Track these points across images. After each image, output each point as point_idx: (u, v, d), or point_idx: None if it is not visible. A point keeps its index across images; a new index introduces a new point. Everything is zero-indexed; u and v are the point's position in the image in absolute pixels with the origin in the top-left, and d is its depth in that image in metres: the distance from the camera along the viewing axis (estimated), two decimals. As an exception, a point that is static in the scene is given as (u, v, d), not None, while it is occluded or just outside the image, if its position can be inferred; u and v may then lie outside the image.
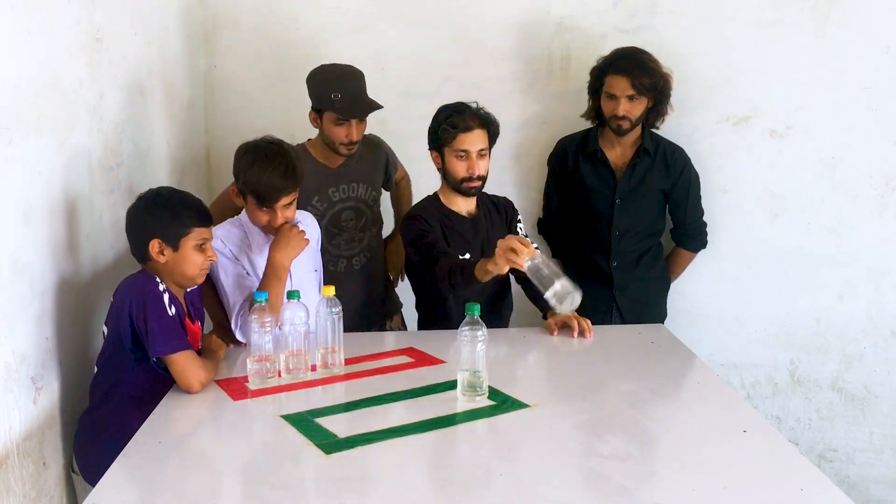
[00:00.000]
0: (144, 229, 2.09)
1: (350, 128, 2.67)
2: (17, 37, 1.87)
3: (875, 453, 3.30)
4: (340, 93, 2.64)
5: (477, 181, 2.49)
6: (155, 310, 2.01)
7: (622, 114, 2.83)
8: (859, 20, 3.05)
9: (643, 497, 1.56)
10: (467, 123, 2.44)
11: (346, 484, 1.61)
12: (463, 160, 2.46)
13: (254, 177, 2.28)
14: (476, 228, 2.57)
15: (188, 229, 2.09)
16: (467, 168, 2.46)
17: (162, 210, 2.09)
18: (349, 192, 2.82)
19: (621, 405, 2.00)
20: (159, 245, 2.07)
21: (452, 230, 2.54)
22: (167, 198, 2.13)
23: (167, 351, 2.01)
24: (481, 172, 2.48)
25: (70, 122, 2.14)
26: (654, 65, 2.84)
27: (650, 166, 2.97)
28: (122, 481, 1.63)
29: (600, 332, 2.46)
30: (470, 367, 1.96)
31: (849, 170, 3.14)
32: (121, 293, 2.05)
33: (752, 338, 3.29)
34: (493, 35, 3.20)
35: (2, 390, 1.80)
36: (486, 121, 2.48)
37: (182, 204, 2.12)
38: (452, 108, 2.49)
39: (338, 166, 2.81)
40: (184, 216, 2.09)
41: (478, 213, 2.60)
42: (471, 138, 2.44)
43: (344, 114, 2.64)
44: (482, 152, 2.47)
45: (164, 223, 2.07)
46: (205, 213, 2.16)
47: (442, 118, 2.49)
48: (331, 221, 2.81)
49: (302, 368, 2.15)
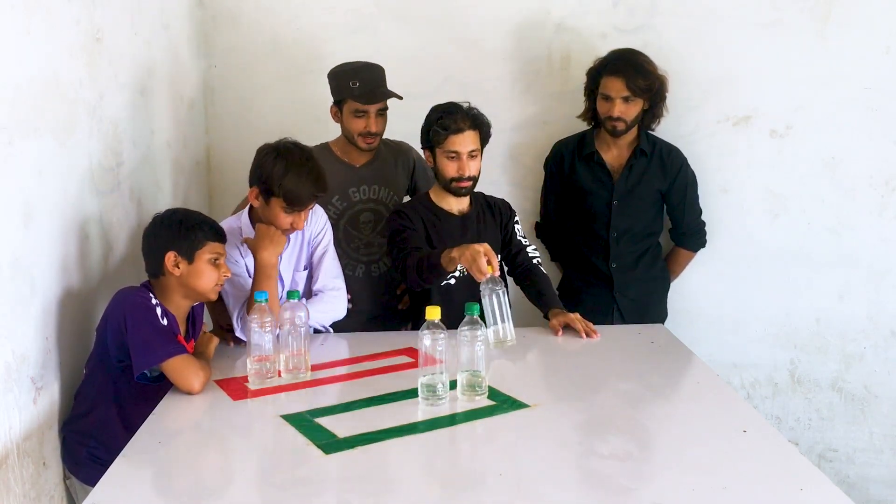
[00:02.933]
0: (160, 243, 2.13)
1: (369, 119, 2.69)
2: (17, 37, 1.87)
3: (875, 453, 3.30)
4: (359, 81, 2.68)
5: (467, 181, 2.49)
6: (146, 320, 2.02)
7: (617, 115, 2.83)
8: (859, 20, 3.05)
9: (643, 497, 1.56)
10: (458, 125, 2.45)
11: (346, 484, 1.61)
12: (453, 161, 2.47)
13: (290, 183, 2.30)
14: (465, 228, 2.57)
15: (203, 243, 2.13)
16: (457, 168, 2.47)
17: (178, 224, 2.14)
18: (370, 194, 2.83)
19: (621, 405, 2.00)
20: (175, 257, 2.10)
21: (439, 228, 2.54)
22: (183, 214, 2.20)
23: (161, 358, 2.01)
24: (472, 173, 2.49)
25: (70, 122, 2.14)
26: (650, 66, 2.84)
27: (647, 167, 2.97)
28: (122, 481, 1.62)
29: (600, 332, 2.46)
30: (470, 367, 1.96)
31: (849, 170, 3.14)
32: (112, 306, 2.07)
33: (752, 338, 3.29)
34: (493, 35, 3.20)
35: (2, 390, 1.80)
36: (478, 122, 2.48)
37: (197, 220, 2.19)
38: (444, 109, 2.49)
39: (361, 166, 2.81)
40: (199, 230, 2.14)
41: (469, 213, 2.59)
42: (461, 140, 2.45)
43: (363, 100, 2.67)
44: (473, 153, 2.48)
45: (180, 236, 2.12)
46: (220, 231, 2.21)
47: (433, 118, 2.49)
48: (349, 222, 2.81)
49: (302, 368, 2.15)
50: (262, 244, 2.34)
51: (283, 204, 2.32)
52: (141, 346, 2.00)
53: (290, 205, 2.32)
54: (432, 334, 1.91)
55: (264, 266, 2.33)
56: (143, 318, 2.02)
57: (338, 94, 2.74)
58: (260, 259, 2.34)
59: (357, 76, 2.69)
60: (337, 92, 2.74)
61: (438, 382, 1.94)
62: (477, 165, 2.51)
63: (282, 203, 2.32)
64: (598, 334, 2.44)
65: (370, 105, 2.68)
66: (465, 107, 2.49)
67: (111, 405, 2.08)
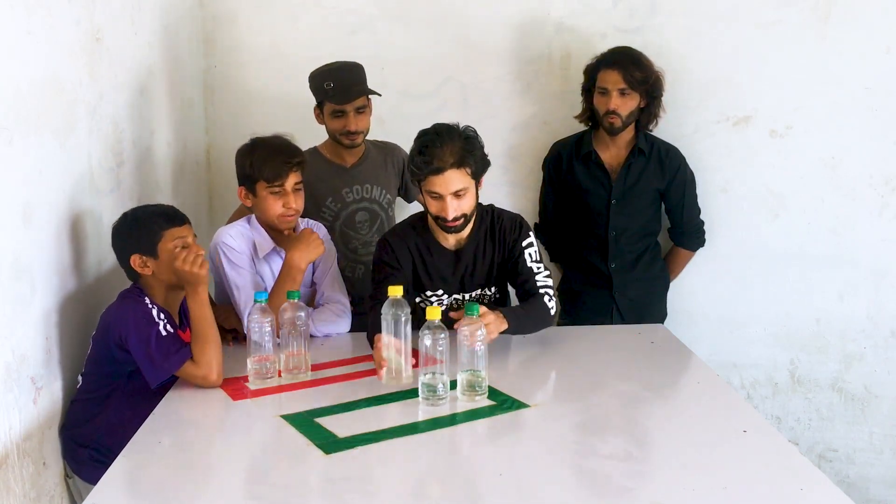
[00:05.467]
0: (122, 250, 2.13)
1: (347, 118, 2.71)
2: (17, 37, 1.87)
3: (875, 453, 3.30)
4: (333, 81, 2.69)
5: (453, 222, 2.20)
6: (148, 334, 2.02)
7: (613, 108, 2.83)
8: (859, 20, 3.04)
9: (643, 497, 1.56)
10: (437, 164, 2.12)
11: (346, 484, 1.61)
12: (436, 200, 2.19)
13: (259, 158, 2.35)
14: (456, 264, 2.37)
15: (159, 234, 2.10)
16: (439, 209, 2.19)
17: (131, 226, 2.13)
18: (363, 193, 2.84)
19: (621, 405, 2.00)
20: (139, 259, 2.09)
21: (429, 264, 2.37)
22: (133, 215, 2.17)
23: (173, 368, 2.02)
24: (456, 214, 2.18)
25: (70, 122, 2.14)
26: (646, 61, 2.86)
27: (645, 166, 2.97)
28: (122, 481, 1.63)
29: (600, 332, 2.45)
30: (470, 367, 1.96)
31: (849, 170, 3.14)
32: (111, 318, 2.05)
33: (752, 338, 3.29)
34: (493, 35, 3.20)
35: (2, 390, 1.80)
36: (465, 159, 2.15)
37: (147, 214, 2.15)
38: (427, 140, 2.16)
39: (352, 166, 2.82)
40: (151, 224, 2.11)
41: (465, 247, 2.35)
42: (441, 181, 2.14)
43: (336, 100, 2.69)
44: (459, 193, 2.17)
45: (136, 237, 2.11)
46: (173, 215, 2.16)
47: (415, 148, 2.19)
48: (345, 223, 2.82)
49: (302, 368, 2.15)
50: (298, 246, 2.37)
51: (266, 185, 2.35)
52: (149, 361, 2.01)
53: (271, 181, 2.34)
54: (432, 334, 1.91)
55: (291, 267, 2.36)
56: (145, 331, 2.01)
57: (316, 96, 2.77)
58: (289, 259, 2.36)
59: (331, 77, 2.71)
60: (315, 94, 2.77)
61: (439, 382, 1.94)
62: (468, 203, 2.21)
63: (265, 185, 2.35)
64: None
65: (345, 105, 2.69)
66: (454, 136, 2.16)
67: (111, 412, 2.07)
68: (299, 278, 2.38)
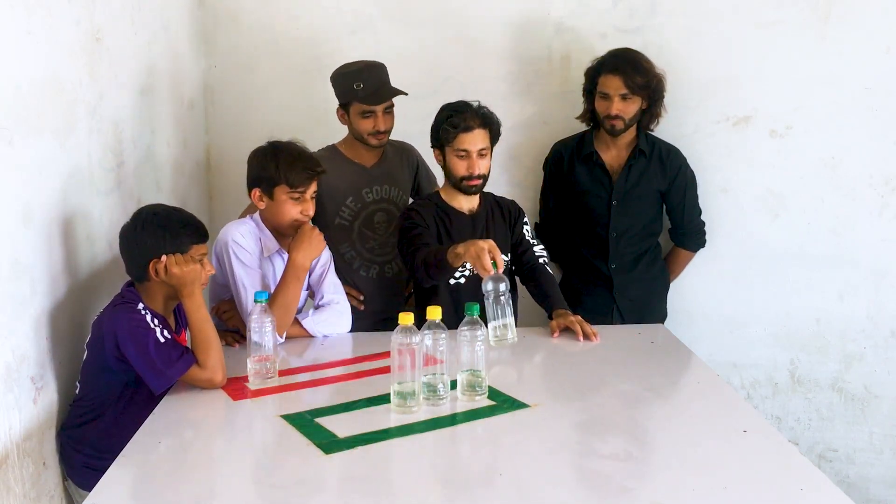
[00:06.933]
0: (144, 250, 2.06)
1: (377, 118, 2.70)
2: (17, 37, 1.87)
3: (875, 453, 3.30)
4: (363, 82, 2.68)
5: (477, 179, 2.51)
6: (145, 345, 1.98)
7: (615, 113, 2.83)
8: (859, 20, 3.05)
9: (643, 497, 1.56)
10: (468, 123, 2.46)
11: (346, 484, 1.61)
12: (463, 159, 2.48)
13: (285, 162, 2.35)
14: (475, 227, 2.58)
15: (188, 247, 2.08)
16: (467, 167, 2.49)
17: (162, 230, 2.06)
18: (382, 194, 2.84)
19: (621, 405, 2.00)
20: (161, 265, 2.05)
21: (450, 227, 2.56)
22: (165, 217, 2.10)
23: (176, 376, 2.01)
24: (482, 171, 2.50)
25: (70, 122, 2.14)
26: (647, 64, 2.85)
27: (646, 167, 2.97)
28: (121, 481, 1.63)
29: (600, 332, 2.45)
30: (470, 367, 1.96)
31: (849, 170, 3.14)
32: (106, 329, 2.01)
33: (752, 338, 3.29)
34: (493, 35, 3.20)
35: (2, 390, 1.80)
36: (488, 120, 2.50)
37: (180, 223, 2.10)
38: (453, 108, 2.50)
39: (372, 166, 2.83)
40: (183, 235, 2.07)
41: (479, 212, 2.61)
42: (471, 138, 2.46)
43: (369, 101, 2.67)
44: (482, 152, 2.49)
45: (165, 244, 2.05)
46: (203, 231, 2.15)
47: (443, 117, 2.51)
48: (364, 223, 2.82)
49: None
50: (300, 246, 2.37)
51: (287, 190, 2.35)
52: (151, 369, 1.98)
53: (293, 187, 2.35)
54: (433, 334, 1.91)
55: (295, 267, 2.36)
56: (143, 340, 1.98)
57: (343, 98, 2.74)
58: (293, 259, 2.36)
59: (360, 77, 2.69)
60: (342, 95, 2.74)
61: (439, 382, 1.94)
62: (487, 164, 2.52)
63: (286, 189, 2.35)
64: (597, 337, 2.42)
65: (377, 105, 2.68)
66: (474, 105, 2.50)
67: (107, 419, 2.06)
68: (303, 276, 2.39)
